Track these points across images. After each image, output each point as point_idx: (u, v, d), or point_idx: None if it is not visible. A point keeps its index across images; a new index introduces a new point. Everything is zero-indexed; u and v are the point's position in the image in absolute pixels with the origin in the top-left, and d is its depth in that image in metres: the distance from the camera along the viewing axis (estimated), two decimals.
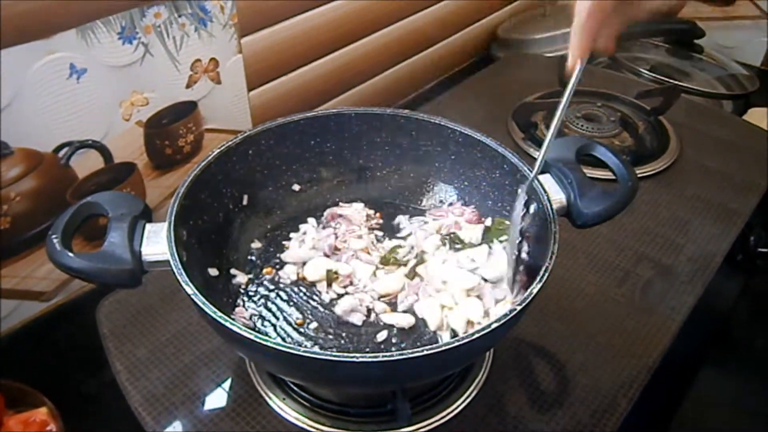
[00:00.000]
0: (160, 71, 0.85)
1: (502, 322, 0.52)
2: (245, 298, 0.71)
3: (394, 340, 0.67)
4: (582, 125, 1.14)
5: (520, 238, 0.66)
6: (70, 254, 0.55)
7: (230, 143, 0.71)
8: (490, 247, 0.75)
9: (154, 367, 0.73)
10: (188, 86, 0.90)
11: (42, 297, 0.85)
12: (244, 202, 0.76)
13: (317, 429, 0.66)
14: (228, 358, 0.73)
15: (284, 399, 0.68)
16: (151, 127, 0.88)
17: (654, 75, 1.34)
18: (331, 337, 0.68)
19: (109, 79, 0.80)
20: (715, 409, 0.79)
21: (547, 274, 0.56)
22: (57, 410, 0.68)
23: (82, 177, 0.83)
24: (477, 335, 0.51)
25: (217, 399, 0.70)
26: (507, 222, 0.74)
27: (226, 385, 0.71)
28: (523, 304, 0.54)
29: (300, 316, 0.70)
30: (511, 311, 0.53)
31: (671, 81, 1.30)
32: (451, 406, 0.68)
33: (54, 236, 0.56)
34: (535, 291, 0.55)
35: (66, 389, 0.74)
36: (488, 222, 0.77)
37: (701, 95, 1.31)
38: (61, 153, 0.79)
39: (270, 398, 0.69)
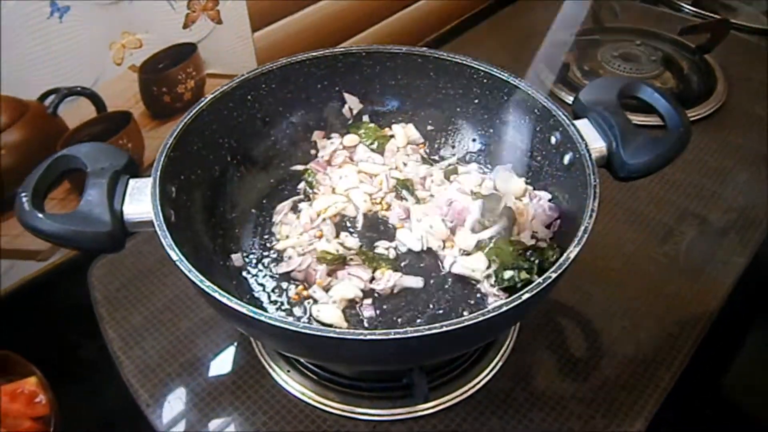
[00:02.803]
0: (154, 9, 0.79)
1: (534, 292, 0.46)
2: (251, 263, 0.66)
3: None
4: (619, 65, 1.06)
5: None
6: (40, 215, 0.50)
7: (225, 87, 0.65)
8: None
9: (149, 335, 0.69)
10: (186, 26, 0.83)
11: (38, 256, 0.82)
12: (243, 153, 0.71)
13: (325, 405, 0.62)
14: (229, 326, 0.69)
15: (289, 371, 0.64)
16: (146, 73, 0.82)
17: (696, 9, 1.24)
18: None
19: (96, 18, 0.73)
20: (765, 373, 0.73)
21: (586, 236, 0.51)
22: (47, 380, 0.64)
23: (73, 127, 0.78)
24: (504, 308, 0.44)
25: (216, 371, 0.66)
26: None
27: (227, 355, 0.67)
28: (559, 271, 0.48)
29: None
30: (544, 279, 0.47)
31: (716, 16, 1.20)
32: (474, 380, 0.64)
33: (23, 194, 0.51)
34: (573, 255, 0.49)
35: (59, 356, 0.70)
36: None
37: (749, 31, 1.22)
38: (48, 101, 0.74)
39: (274, 370, 0.65)
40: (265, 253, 0.67)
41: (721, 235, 0.80)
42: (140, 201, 0.53)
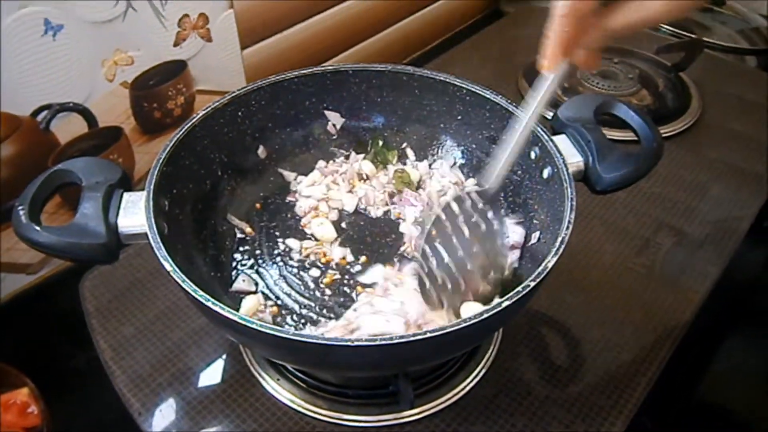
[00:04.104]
0: (145, 28, 0.80)
1: (514, 300, 0.48)
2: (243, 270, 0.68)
3: None
4: (597, 83, 1.09)
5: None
6: (37, 228, 0.51)
7: (216, 104, 0.66)
8: None
9: (140, 346, 0.69)
10: (176, 44, 0.85)
11: (28, 270, 0.82)
12: (233, 168, 0.72)
13: (314, 412, 0.63)
14: (219, 335, 0.70)
15: (278, 380, 0.65)
16: (137, 89, 0.83)
17: (673, 29, 1.28)
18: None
19: (89, 36, 0.75)
20: (739, 380, 0.75)
21: (563, 246, 0.52)
22: (39, 391, 0.64)
23: (65, 142, 0.79)
24: (485, 315, 0.46)
25: (207, 380, 0.66)
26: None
27: (217, 365, 0.68)
28: (538, 279, 0.49)
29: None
30: (524, 287, 0.48)
31: (691, 35, 1.23)
32: (458, 387, 0.65)
33: (20, 207, 0.52)
34: (550, 265, 0.50)
35: (51, 367, 0.71)
36: None
37: (723, 50, 1.25)
38: (40, 117, 0.75)
39: (264, 379, 0.66)
40: (255, 263, 0.68)
41: (696, 246, 0.82)
42: (134, 214, 0.54)
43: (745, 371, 0.75)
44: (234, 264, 0.68)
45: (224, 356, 0.68)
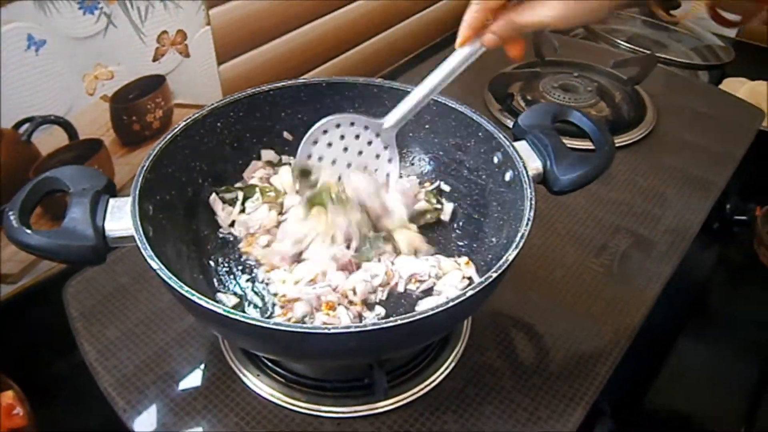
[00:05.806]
0: (125, 43, 0.82)
1: (478, 289, 0.51)
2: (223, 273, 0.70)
3: None
4: (558, 95, 1.13)
5: None
6: (28, 231, 0.53)
7: (197, 115, 0.69)
8: None
9: (124, 348, 0.71)
10: (155, 59, 0.87)
11: (8, 279, 0.83)
12: (214, 176, 0.74)
13: (292, 405, 0.65)
14: (202, 336, 0.72)
15: (258, 375, 0.67)
16: (117, 102, 0.85)
17: (631, 46, 1.34)
18: None
19: (71, 51, 0.77)
20: (691, 377, 0.80)
21: (523, 241, 0.56)
22: (24, 394, 0.66)
23: (46, 154, 0.80)
24: (452, 303, 0.50)
25: (190, 378, 0.68)
26: None
27: (200, 364, 0.70)
28: (500, 271, 0.53)
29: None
30: (487, 278, 0.52)
31: (646, 51, 1.30)
32: (429, 379, 0.68)
33: (11, 213, 0.54)
34: (511, 258, 0.54)
35: (35, 372, 0.72)
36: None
37: (677, 65, 1.32)
38: (22, 129, 0.76)
39: (244, 375, 0.68)
40: (234, 265, 0.71)
41: (650, 248, 0.86)
42: (120, 218, 0.56)
43: (697, 362, 0.80)
44: (216, 266, 0.71)
45: (206, 356, 0.70)
